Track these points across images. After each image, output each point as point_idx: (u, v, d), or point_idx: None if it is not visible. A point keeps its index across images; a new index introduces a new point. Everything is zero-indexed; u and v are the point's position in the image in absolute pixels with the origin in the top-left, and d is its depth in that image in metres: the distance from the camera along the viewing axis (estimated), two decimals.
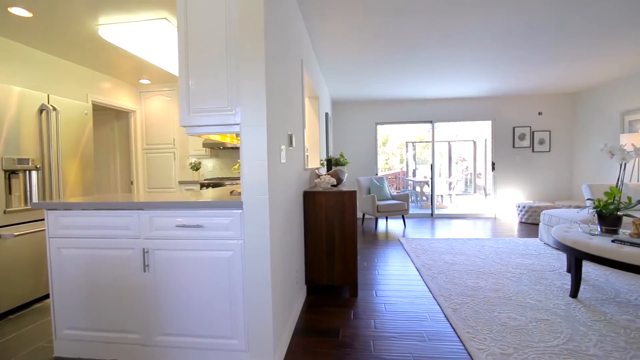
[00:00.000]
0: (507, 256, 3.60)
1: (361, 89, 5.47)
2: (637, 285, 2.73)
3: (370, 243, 4.45)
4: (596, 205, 2.52)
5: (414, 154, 11.11)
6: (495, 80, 5.07)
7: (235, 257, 1.71)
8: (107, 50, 3.33)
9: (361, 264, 3.50)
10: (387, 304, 2.50)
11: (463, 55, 3.83)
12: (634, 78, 4.80)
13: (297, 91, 2.56)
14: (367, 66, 4.22)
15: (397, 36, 3.24)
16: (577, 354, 1.79)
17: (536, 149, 6.23)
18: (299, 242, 2.48)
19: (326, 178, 2.71)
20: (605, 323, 2.11)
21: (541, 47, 3.61)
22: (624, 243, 2.23)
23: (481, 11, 2.74)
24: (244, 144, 1.66)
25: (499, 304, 2.41)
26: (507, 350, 1.84)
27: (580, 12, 2.78)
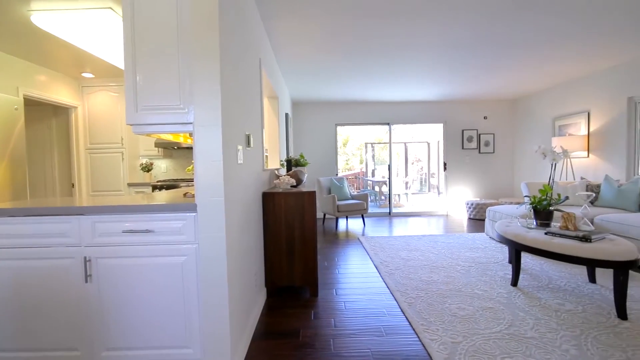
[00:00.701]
0: (457, 250, 3.85)
1: (321, 90, 5.52)
2: (566, 272, 3.06)
3: (331, 242, 4.50)
4: (532, 201, 2.78)
5: (373, 154, 11.45)
6: (446, 86, 5.39)
7: (189, 262, 1.63)
8: (42, 39, 3.01)
9: (322, 264, 3.53)
10: (347, 302, 2.55)
11: (419, 61, 4.03)
12: (563, 87, 5.37)
13: (255, 90, 2.51)
14: (327, 68, 4.27)
15: (356, 40, 3.32)
16: (517, 337, 1.96)
17: (482, 151, 6.73)
18: (258, 244, 2.44)
19: (285, 179, 2.70)
20: (540, 308, 2.34)
21: (486, 58, 3.91)
22: (554, 235, 2.49)
23: (437, 23, 2.90)
24: (197, 144, 1.60)
25: (450, 296, 2.57)
26: (456, 338, 1.96)
27: (517, 28, 3.05)
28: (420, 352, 1.86)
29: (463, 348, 1.85)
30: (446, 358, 1.77)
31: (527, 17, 2.87)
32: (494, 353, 1.80)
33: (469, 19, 2.89)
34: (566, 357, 1.76)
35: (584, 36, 3.35)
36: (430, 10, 2.71)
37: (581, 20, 2.95)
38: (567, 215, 2.53)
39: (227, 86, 1.71)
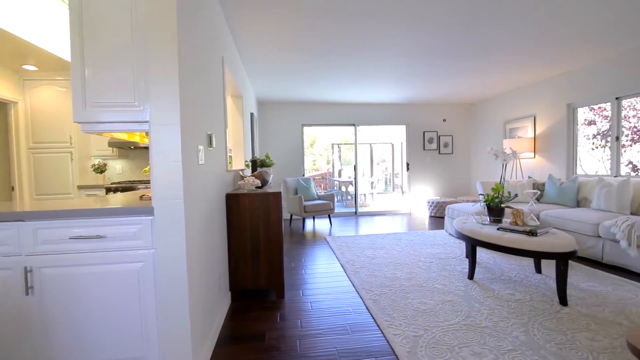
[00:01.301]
0: (419, 247, 4.01)
1: (287, 91, 5.49)
2: (516, 264, 3.30)
3: (297, 243, 4.49)
4: (486, 199, 2.97)
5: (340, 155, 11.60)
6: (409, 89, 5.60)
7: (146, 268, 1.55)
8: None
9: (288, 265, 3.51)
10: (314, 302, 2.56)
11: (383, 64, 4.14)
12: (513, 93, 5.79)
13: (218, 89, 2.44)
14: (293, 68, 4.26)
15: (322, 41, 3.34)
16: (473, 327, 2.08)
17: (442, 152, 7.07)
18: (221, 247, 2.37)
19: (250, 180, 2.65)
20: (493, 298, 2.50)
21: (445, 64, 4.11)
22: (505, 230, 2.68)
23: (401, 28, 2.99)
24: (154, 144, 1.52)
25: (412, 291, 2.66)
26: (418, 332, 2.04)
27: (473, 38, 3.24)
28: (384, 347, 1.91)
29: (424, 341, 1.93)
30: (408, 351, 1.83)
31: (482, 28, 3.06)
32: (452, 344, 1.89)
33: (430, 28, 3.02)
34: (516, 342, 1.89)
35: (532, 47, 3.63)
36: (394, 16, 2.80)
37: (529, 33, 3.20)
38: (516, 212, 2.73)
39: (187, 83, 1.64)
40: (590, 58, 4.09)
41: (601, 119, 4.51)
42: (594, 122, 4.63)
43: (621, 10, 2.79)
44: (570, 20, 2.97)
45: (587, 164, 4.70)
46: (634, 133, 4.23)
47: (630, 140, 4.23)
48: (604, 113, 4.42)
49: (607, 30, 3.21)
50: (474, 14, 2.80)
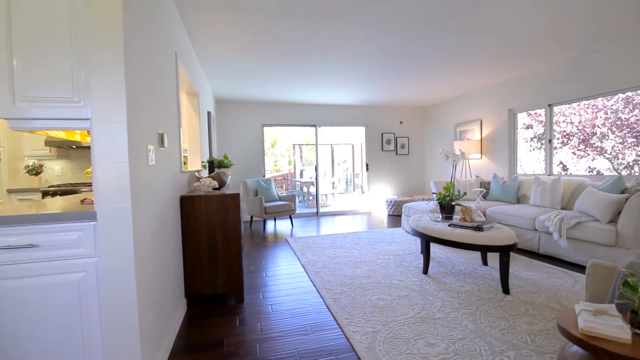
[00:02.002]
0: (378, 245, 4.14)
1: (247, 90, 5.38)
2: (466, 258, 3.53)
3: (258, 245, 4.41)
4: (438, 197, 3.14)
5: (301, 155, 11.61)
6: (368, 92, 5.75)
7: (88, 279, 1.42)
8: None
9: (248, 268, 3.43)
10: (274, 305, 2.52)
11: (343, 67, 4.21)
12: (462, 99, 6.20)
13: (171, 85, 2.32)
14: (251, 68, 4.17)
15: (280, 43, 3.31)
16: (427, 319, 2.18)
17: (399, 152, 7.37)
18: (175, 253, 2.25)
19: (207, 181, 2.55)
20: (446, 291, 2.65)
21: (402, 69, 4.28)
22: (456, 226, 2.85)
23: (359, 32, 3.06)
24: (97, 143, 1.40)
25: (371, 288, 2.74)
26: (377, 327, 2.10)
27: (427, 45, 3.41)
28: (344, 345, 1.94)
29: (382, 336, 1.99)
30: (367, 347, 1.88)
31: (434, 38, 3.22)
32: (408, 336, 1.98)
33: (386, 34, 3.13)
34: (465, 331, 2.02)
35: (477, 58, 3.91)
36: (353, 20, 2.86)
37: (474, 45, 3.44)
38: (465, 209, 2.92)
39: (135, 77, 1.54)
40: (527, 69, 4.51)
41: (537, 124, 4.99)
42: (531, 126, 5.10)
43: (550, 27, 3.10)
44: (508, 36, 3.24)
45: (526, 164, 5.17)
46: (563, 136, 4.73)
47: (560, 142, 4.72)
48: (539, 118, 4.90)
49: (539, 44, 3.56)
50: (426, 24, 2.95)
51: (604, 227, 2.97)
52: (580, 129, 4.58)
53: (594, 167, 4.45)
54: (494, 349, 1.83)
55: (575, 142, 4.66)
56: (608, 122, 4.28)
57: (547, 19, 2.94)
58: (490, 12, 2.79)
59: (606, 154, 4.36)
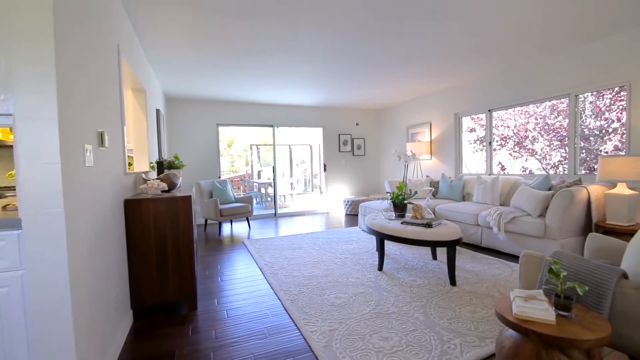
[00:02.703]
0: (336, 244, 4.20)
1: (200, 87, 5.16)
2: (418, 253, 3.71)
3: (213, 249, 4.25)
4: (391, 197, 3.27)
5: (259, 156, 11.41)
6: (325, 93, 5.82)
7: (12, 295, 1.26)
8: None
9: (202, 273, 3.29)
10: (230, 310, 2.45)
11: (298, 68, 4.20)
12: (414, 102, 6.53)
13: (112, 80, 2.14)
14: (203, 65, 4.01)
15: (233, 42, 3.22)
16: (382, 314, 2.26)
17: (355, 153, 7.55)
18: (119, 261, 2.09)
19: (155, 183, 2.40)
20: (399, 286, 2.76)
21: (357, 72, 4.39)
22: (408, 224, 2.99)
23: (314, 35, 3.07)
24: (21, 141, 1.25)
25: (328, 287, 2.77)
26: (334, 326, 2.12)
27: (380, 50, 3.54)
28: (301, 345, 1.94)
29: (339, 333, 2.03)
30: (325, 346, 1.89)
31: (387, 42, 3.35)
32: (364, 332, 2.03)
33: (341, 38, 3.18)
34: (417, 323, 2.13)
35: (428, 64, 4.14)
36: (306, 22, 2.87)
37: (423, 51, 3.64)
38: (416, 207, 3.08)
39: (68, 70, 1.39)
40: (470, 77, 4.88)
41: (479, 127, 5.41)
42: (474, 129, 5.52)
43: (489, 41, 3.39)
44: (454, 47, 3.48)
45: (470, 164, 5.58)
46: (501, 139, 5.18)
47: (499, 145, 5.17)
48: (481, 122, 5.32)
49: (481, 56, 3.87)
50: (378, 30, 3.06)
51: (535, 220, 3.30)
52: (515, 132, 5.06)
53: (527, 167, 4.93)
54: (442, 337, 1.95)
55: (511, 145, 5.13)
56: (538, 127, 4.77)
57: (486, 34, 3.20)
58: (437, 24, 2.97)
59: (536, 155, 4.85)
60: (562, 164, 4.35)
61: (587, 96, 3.84)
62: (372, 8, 2.67)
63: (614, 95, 3.69)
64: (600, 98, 3.83)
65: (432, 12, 2.77)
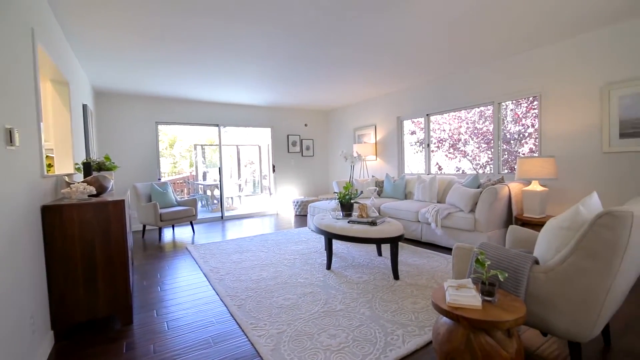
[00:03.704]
0: (285, 246, 4.18)
1: (136, 82, 4.76)
2: (364, 251, 3.85)
3: (152, 257, 3.95)
4: (339, 196, 3.35)
5: (204, 157, 10.89)
6: (273, 93, 5.75)
7: None
8: None
9: (140, 284, 3.04)
10: (170, 321, 2.29)
11: (244, 66, 4.09)
12: (360, 105, 6.76)
13: (25, 69, 1.87)
14: (141, 58, 3.71)
15: (171, 33, 3.03)
16: (330, 312, 2.30)
17: (304, 154, 7.59)
18: (35, 276, 1.83)
19: (80, 187, 2.15)
20: (346, 284, 2.83)
21: (304, 73, 4.41)
22: (354, 222, 3.08)
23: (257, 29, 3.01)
24: None
25: (277, 290, 2.74)
26: (282, 328, 2.10)
27: (325, 52, 3.60)
28: (248, 351, 1.89)
29: (287, 335, 2.01)
30: (272, 349, 1.87)
31: (333, 45, 3.42)
32: (312, 332, 2.04)
33: (286, 38, 3.17)
34: (362, 318, 2.20)
35: (372, 68, 4.32)
36: (250, 20, 2.81)
37: (367, 56, 3.78)
38: (362, 206, 3.19)
39: None
40: (410, 83, 5.20)
41: (419, 130, 5.79)
42: (415, 132, 5.90)
43: (427, 51, 3.64)
44: (396, 53, 3.68)
45: (412, 164, 5.95)
46: (438, 141, 5.61)
47: (436, 147, 5.59)
48: (420, 125, 5.70)
49: (419, 64, 4.14)
50: (324, 33, 3.11)
51: (467, 216, 3.63)
52: (450, 135, 5.51)
53: (460, 167, 5.40)
54: (386, 330, 2.05)
55: (446, 147, 5.58)
56: (469, 131, 5.26)
57: (424, 45, 3.44)
58: (382, 31, 3.11)
59: (468, 157, 5.35)
60: (489, 164, 4.84)
61: (508, 104, 4.33)
62: (318, 8, 2.71)
63: (529, 104, 4.22)
64: (519, 106, 4.35)
65: (373, 24, 2.90)
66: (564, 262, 1.46)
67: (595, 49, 3.31)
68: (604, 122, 3.26)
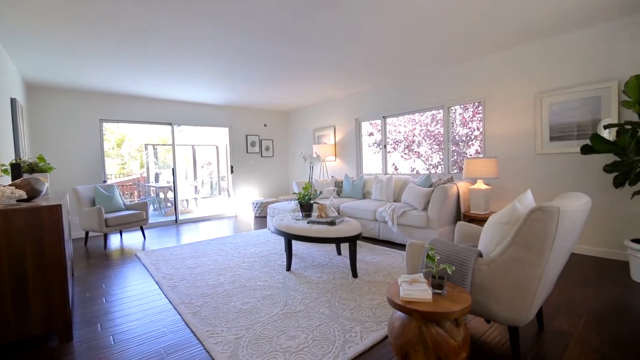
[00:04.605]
0: (244, 248, 4.08)
1: (77, 76, 4.36)
2: (324, 250, 3.88)
3: (97, 266, 3.63)
4: (298, 197, 3.34)
5: (156, 157, 10.29)
6: (230, 92, 5.58)
7: None
8: None
9: (82, 296, 2.78)
10: (118, 334, 2.13)
11: (200, 64, 3.92)
12: (319, 106, 6.82)
13: None
14: (79, 49, 3.40)
15: (120, 24, 2.82)
16: (290, 314, 2.28)
17: (264, 155, 7.48)
18: None
19: (7, 191, 1.92)
20: (306, 284, 2.84)
21: (262, 73, 4.34)
22: (314, 223, 3.10)
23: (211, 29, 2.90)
24: None
25: (235, 294, 2.66)
26: (240, 333, 2.05)
27: (279, 52, 3.57)
28: None
29: (245, 340, 1.96)
30: (230, 356, 1.81)
31: (289, 45, 3.41)
32: (271, 335, 2.01)
33: (240, 37, 3.10)
34: (322, 317, 2.22)
35: (329, 70, 4.37)
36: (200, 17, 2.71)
37: (328, 58, 3.83)
38: (321, 206, 3.21)
39: None
40: (368, 86, 5.36)
41: (376, 132, 5.98)
42: (372, 133, 6.08)
43: (381, 56, 3.78)
44: (352, 56, 3.77)
45: (370, 165, 6.12)
46: (394, 142, 5.83)
47: (392, 148, 5.81)
48: (378, 127, 5.89)
49: (376, 67, 4.28)
50: (279, 33, 3.09)
51: (420, 213, 3.82)
52: (405, 137, 5.76)
53: (415, 167, 5.67)
54: (345, 327, 2.08)
55: (402, 148, 5.82)
56: (422, 133, 5.53)
57: (378, 47, 3.56)
58: (335, 30, 3.16)
59: (421, 157, 5.63)
60: (440, 165, 5.13)
61: (456, 108, 4.63)
62: (269, 4, 2.68)
63: (474, 109, 4.54)
64: (466, 110, 4.67)
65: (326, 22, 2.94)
66: (503, 254, 1.59)
67: (530, 60, 3.66)
68: (537, 127, 3.62)
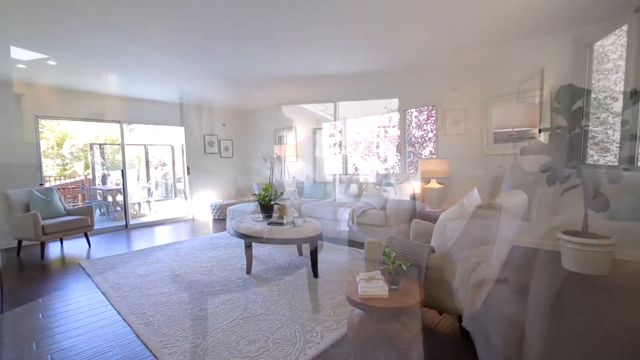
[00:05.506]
0: (201, 253, 3.91)
1: (3, 65, 3.89)
2: (285, 252, 3.85)
3: (32, 279, 3.27)
4: (258, 198, 3.28)
5: (104, 157, 9.53)
6: (186, 90, 5.33)
7: None
8: None
9: (13, 313, 2.48)
10: (56, 353, 1.93)
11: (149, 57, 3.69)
12: (282, 106, 6.75)
13: None
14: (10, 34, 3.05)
15: None
16: (250, 318, 2.23)
17: (223, 155, 7.25)
18: None
19: None
20: (267, 286, 2.79)
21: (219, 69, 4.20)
22: (274, 224, 3.06)
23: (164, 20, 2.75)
24: None
25: (192, 301, 2.55)
26: (197, 341, 1.96)
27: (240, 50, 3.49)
28: None
29: (203, 348, 1.89)
30: None
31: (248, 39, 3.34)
32: (230, 341, 1.96)
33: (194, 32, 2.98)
34: (283, 319, 2.20)
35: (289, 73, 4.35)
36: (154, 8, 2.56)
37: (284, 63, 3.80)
38: (281, 207, 3.19)
39: None
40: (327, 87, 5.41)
41: (337, 133, 6.07)
42: (334, 134, 6.16)
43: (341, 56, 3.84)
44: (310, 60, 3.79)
45: (331, 165, 6.19)
46: (355, 144, 5.96)
47: (353, 149, 5.93)
48: (338, 128, 5.97)
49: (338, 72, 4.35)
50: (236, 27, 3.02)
51: (379, 212, 3.94)
52: (365, 138, 5.92)
53: (374, 168, 5.84)
54: (306, 328, 2.08)
55: (362, 149, 5.97)
56: (380, 135, 5.72)
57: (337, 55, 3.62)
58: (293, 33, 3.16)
59: (380, 158, 5.81)
60: (398, 165, 5.34)
61: (412, 112, 4.85)
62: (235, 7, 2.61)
63: (429, 112, 4.79)
64: (421, 113, 4.90)
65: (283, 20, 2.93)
66: (452, 249, 1.69)
67: (479, 68, 3.94)
68: (484, 130, 3.90)
